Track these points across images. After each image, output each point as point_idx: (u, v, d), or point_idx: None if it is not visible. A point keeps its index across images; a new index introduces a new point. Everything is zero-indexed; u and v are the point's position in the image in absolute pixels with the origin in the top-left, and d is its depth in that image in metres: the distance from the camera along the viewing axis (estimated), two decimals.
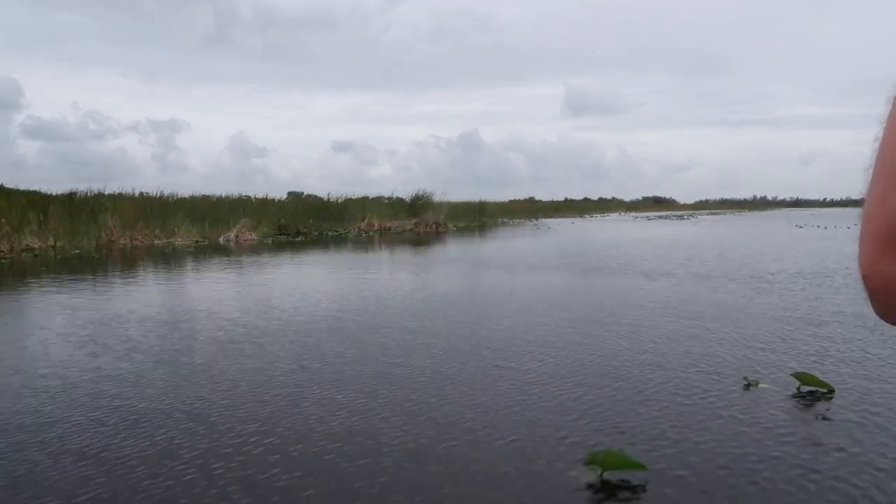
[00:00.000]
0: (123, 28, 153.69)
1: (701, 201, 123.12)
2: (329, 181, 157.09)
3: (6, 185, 22.90)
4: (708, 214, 63.03)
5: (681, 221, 38.12)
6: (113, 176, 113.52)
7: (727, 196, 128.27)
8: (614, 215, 62.21)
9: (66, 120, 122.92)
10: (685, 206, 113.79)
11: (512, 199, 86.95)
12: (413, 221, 29.13)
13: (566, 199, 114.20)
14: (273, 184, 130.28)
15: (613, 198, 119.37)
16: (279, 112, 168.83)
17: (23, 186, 23.49)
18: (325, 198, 32.22)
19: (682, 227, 30.92)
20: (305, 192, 37.99)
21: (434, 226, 29.05)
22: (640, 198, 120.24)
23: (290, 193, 37.26)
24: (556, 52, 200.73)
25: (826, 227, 21.81)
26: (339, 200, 31.71)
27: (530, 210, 58.05)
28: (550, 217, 53.13)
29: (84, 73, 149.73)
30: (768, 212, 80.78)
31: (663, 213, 67.87)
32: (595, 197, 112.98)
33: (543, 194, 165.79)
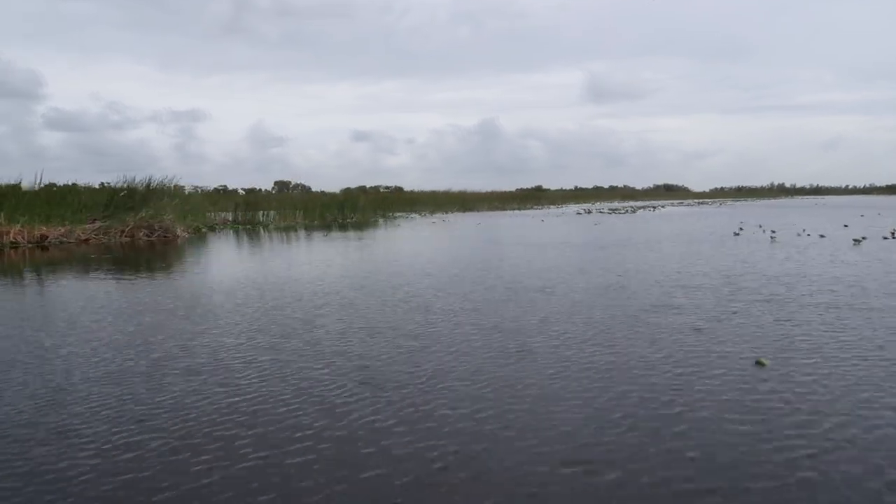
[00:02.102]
0: (141, 17, 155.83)
1: (716, 189, 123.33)
2: (347, 171, 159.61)
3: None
4: (691, 204, 64.26)
5: (625, 216, 36.35)
6: (133, 167, 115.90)
7: (744, 184, 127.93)
8: (573, 207, 63.96)
9: (87, 111, 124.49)
10: (698, 194, 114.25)
11: (519, 187, 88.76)
12: (98, 227, 18.90)
13: (576, 188, 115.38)
14: (292, 173, 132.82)
15: (625, 185, 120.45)
16: (297, 101, 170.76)
17: (48, 179, 26.95)
18: None
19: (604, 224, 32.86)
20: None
21: (152, 232, 19.70)
22: (652, 185, 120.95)
23: None
24: (575, 37, 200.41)
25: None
26: None
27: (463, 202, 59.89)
28: (506, 209, 54.86)
29: (103, 63, 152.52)
30: (782, 200, 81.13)
31: (643, 204, 69.31)
32: (620, 184, 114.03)
33: (561, 182, 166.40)
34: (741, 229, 19.87)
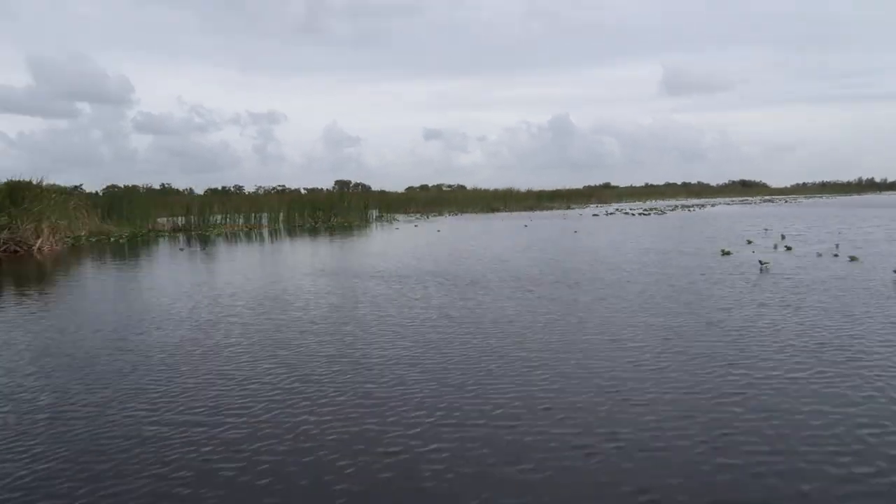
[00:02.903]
0: (221, 22, 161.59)
1: (798, 185, 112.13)
2: (419, 170, 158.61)
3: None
4: (755, 202, 56.56)
5: (648, 219, 33.33)
6: (216, 168, 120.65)
7: (830, 178, 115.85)
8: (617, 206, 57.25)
9: (173, 114, 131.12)
10: (778, 190, 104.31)
11: (587, 184, 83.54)
12: None
13: (647, 185, 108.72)
14: (365, 173, 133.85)
15: (699, 182, 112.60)
16: (371, 100, 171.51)
17: (134, 180, 24.44)
18: None
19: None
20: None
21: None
22: (728, 182, 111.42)
23: None
24: (651, 29, 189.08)
25: None
26: None
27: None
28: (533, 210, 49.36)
29: (187, 68, 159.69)
30: (868, 197, 71.83)
31: (699, 202, 61.91)
32: (695, 180, 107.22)
33: (634, 179, 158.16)
34: (749, 242, 14.28)
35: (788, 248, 12.49)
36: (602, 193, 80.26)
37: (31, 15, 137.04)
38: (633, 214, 33.36)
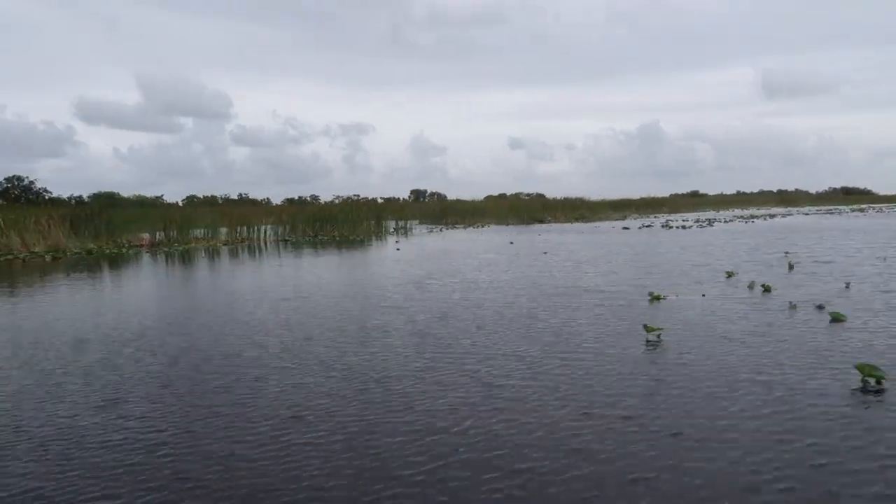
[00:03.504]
0: (311, 38, 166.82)
1: None
2: (503, 178, 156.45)
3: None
4: (843, 211, 49.25)
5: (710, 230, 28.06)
6: (308, 178, 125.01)
7: None
8: (722, 214, 51.35)
9: (268, 127, 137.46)
10: (885, 198, 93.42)
11: (673, 192, 77.82)
12: None
13: (738, 193, 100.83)
14: (449, 182, 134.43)
15: (797, 189, 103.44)
16: (455, 110, 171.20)
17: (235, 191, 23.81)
18: None
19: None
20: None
21: None
22: (828, 188, 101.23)
23: None
24: (744, 31, 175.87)
25: None
26: None
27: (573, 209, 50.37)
28: (595, 220, 44.78)
29: (280, 82, 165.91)
30: None
31: (773, 211, 54.97)
32: (792, 187, 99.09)
33: (725, 186, 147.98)
34: (729, 275, 10.35)
35: (766, 290, 8.52)
36: (685, 202, 74.30)
37: (139, 37, 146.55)
38: (684, 227, 28.71)
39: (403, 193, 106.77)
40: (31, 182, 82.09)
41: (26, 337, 6.89)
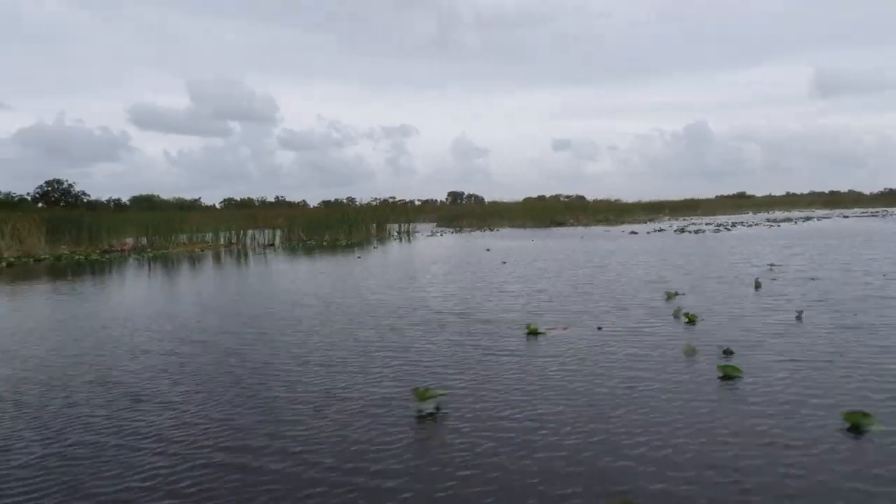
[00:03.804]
0: (355, 41, 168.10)
1: None
2: (546, 180, 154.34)
3: None
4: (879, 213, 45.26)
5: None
6: (351, 181, 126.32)
7: None
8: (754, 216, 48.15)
9: (313, 131, 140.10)
10: None
11: (719, 194, 74.69)
12: None
13: (787, 194, 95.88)
14: (492, 183, 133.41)
15: (850, 190, 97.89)
16: (499, 111, 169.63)
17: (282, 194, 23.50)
18: None
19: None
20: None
21: None
22: (884, 189, 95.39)
23: None
24: (798, 27, 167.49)
25: None
26: None
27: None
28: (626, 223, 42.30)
29: (324, 86, 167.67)
30: None
31: (811, 214, 51.23)
32: (846, 188, 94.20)
33: (775, 187, 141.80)
34: (674, 295, 8.48)
35: (690, 321, 6.67)
36: (725, 204, 70.91)
37: (190, 44, 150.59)
38: (696, 232, 26.32)
39: (443, 195, 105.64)
40: (70, 185, 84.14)
41: None
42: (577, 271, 11.94)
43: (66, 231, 24.33)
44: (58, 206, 75.74)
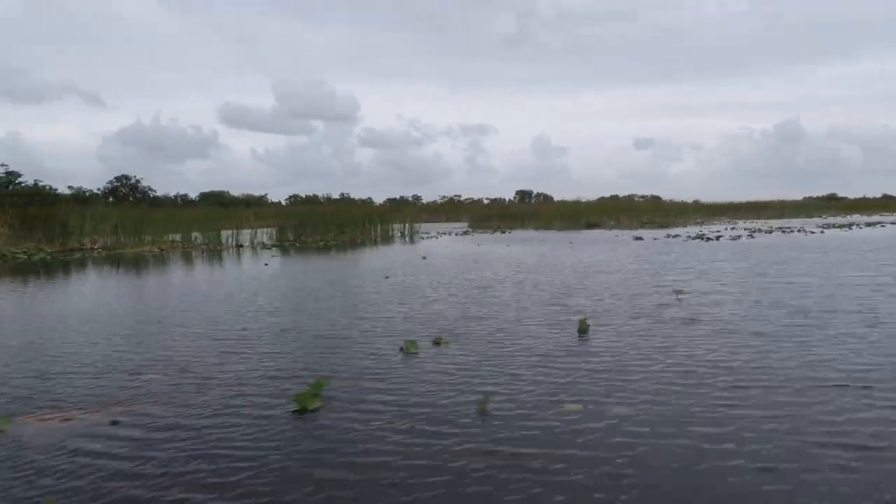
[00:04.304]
0: (434, 41, 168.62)
1: None
2: (625, 179, 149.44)
3: None
4: None
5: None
6: (429, 179, 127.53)
7: None
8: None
9: (392, 129, 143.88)
10: None
11: (807, 195, 68.90)
12: None
13: (884, 196, 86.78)
14: (571, 182, 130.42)
15: None
16: (580, 109, 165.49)
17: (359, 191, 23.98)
18: None
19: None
20: None
21: None
22: None
23: None
24: None
25: None
26: None
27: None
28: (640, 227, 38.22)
29: (404, 86, 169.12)
30: None
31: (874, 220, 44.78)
32: None
33: (872, 189, 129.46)
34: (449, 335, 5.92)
35: (439, 343, 4.22)
36: (801, 206, 64.76)
37: (275, 46, 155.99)
38: (711, 239, 22.70)
39: (508, 194, 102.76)
40: (138, 181, 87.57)
41: None
42: (448, 291, 9.37)
43: (39, 228, 23.85)
44: (126, 201, 78.99)
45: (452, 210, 64.86)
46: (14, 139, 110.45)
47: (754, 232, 28.30)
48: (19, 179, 77.88)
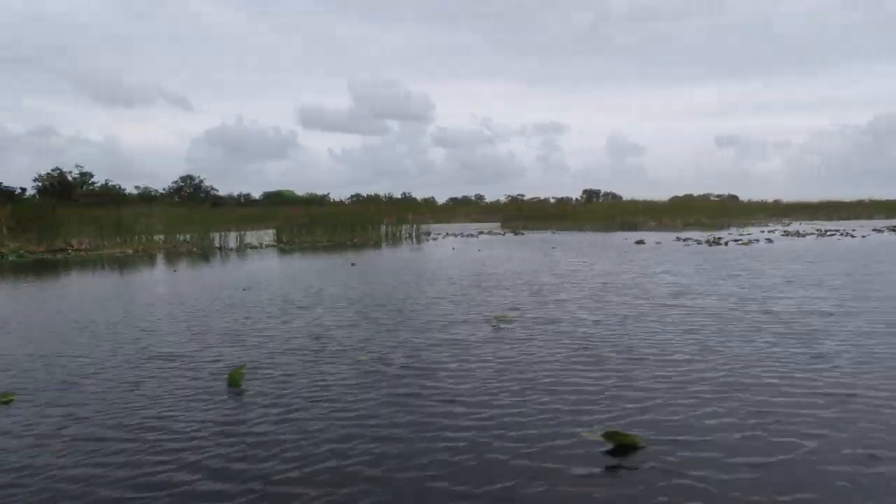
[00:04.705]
0: (507, 40, 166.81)
1: None
2: (707, 178, 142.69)
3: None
4: None
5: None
6: (501, 178, 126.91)
7: None
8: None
9: (465, 129, 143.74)
10: None
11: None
12: None
13: None
14: (648, 181, 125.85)
15: None
16: (658, 107, 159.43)
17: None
18: None
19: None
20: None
21: None
22: None
23: None
24: None
25: None
26: None
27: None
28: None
29: (478, 85, 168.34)
30: None
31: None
32: None
33: None
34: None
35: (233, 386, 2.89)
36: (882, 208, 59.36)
37: (351, 48, 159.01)
38: (730, 242, 20.03)
39: (579, 193, 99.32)
40: (201, 181, 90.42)
41: None
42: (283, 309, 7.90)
43: (33, 229, 24.08)
44: (190, 201, 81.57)
45: (514, 209, 62.87)
46: (111, 142, 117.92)
47: (790, 234, 25.11)
48: (92, 180, 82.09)
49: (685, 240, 22.24)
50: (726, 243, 19.91)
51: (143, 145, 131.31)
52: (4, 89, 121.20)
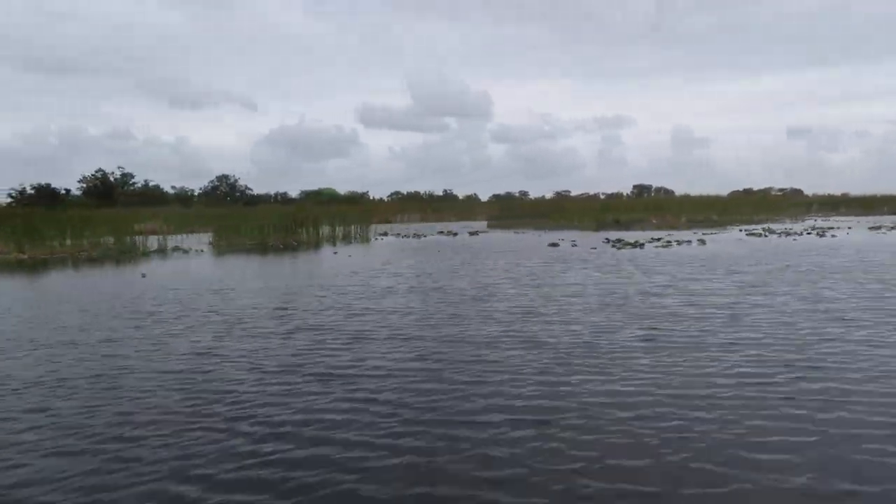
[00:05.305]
0: (569, 33, 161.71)
1: None
2: (777, 172, 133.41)
3: None
4: None
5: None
6: (560, 173, 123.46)
7: None
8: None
9: (524, 124, 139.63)
10: None
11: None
12: None
13: None
14: (714, 175, 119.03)
15: None
16: (725, 98, 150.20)
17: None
18: None
19: None
20: None
21: None
22: None
23: None
24: None
25: None
26: None
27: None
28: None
29: (538, 80, 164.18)
30: None
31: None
32: None
33: None
34: None
35: None
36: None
37: (411, 46, 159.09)
38: (755, 236, 17.13)
39: (628, 188, 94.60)
40: (236, 180, 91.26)
41: None
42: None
43: (21, 231, 23.42)
44: (224, 201, 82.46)
45: (556, 206, 59.30)
46: (180, 143, 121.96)
47: (754, 234, 21.64)
48: (132, 180, 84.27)
49: (613, 241, 19.31)
50: (642, 245, 16.99)
51: (210, 146, 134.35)
52: (84, 97, 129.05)
